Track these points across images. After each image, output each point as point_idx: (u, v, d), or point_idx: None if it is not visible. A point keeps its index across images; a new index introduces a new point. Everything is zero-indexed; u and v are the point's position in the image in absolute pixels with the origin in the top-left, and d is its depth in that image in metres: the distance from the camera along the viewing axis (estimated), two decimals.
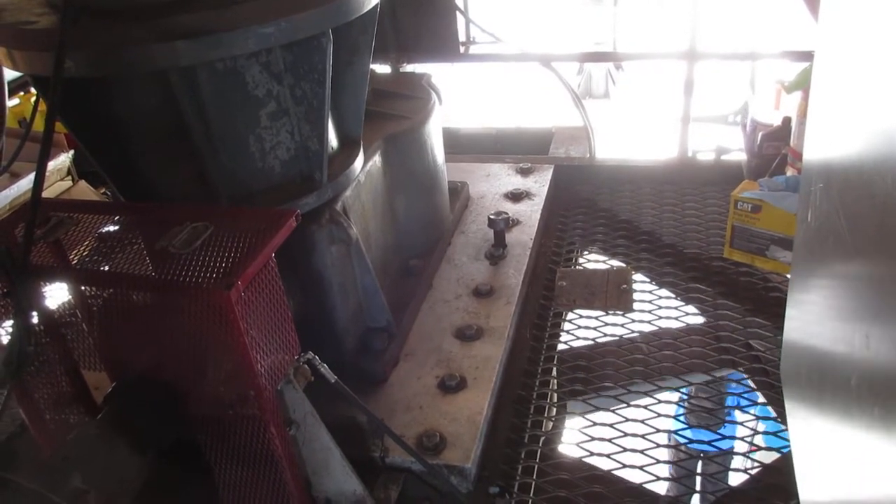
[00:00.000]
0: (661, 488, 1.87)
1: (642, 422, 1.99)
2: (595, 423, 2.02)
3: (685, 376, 2.20)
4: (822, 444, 1.22)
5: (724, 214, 2.70)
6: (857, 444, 0.98)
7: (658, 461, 1.89)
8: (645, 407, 2.04)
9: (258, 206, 1.78)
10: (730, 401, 2.13)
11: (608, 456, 1.92)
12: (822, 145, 1.30)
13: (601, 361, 2.23)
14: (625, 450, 1.93)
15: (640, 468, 1.88)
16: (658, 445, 1.93)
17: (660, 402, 2.05)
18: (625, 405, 2.06)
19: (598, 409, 2.06)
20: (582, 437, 1.98)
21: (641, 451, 1.91)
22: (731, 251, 2.56)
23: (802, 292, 1.43)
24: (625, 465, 1.89)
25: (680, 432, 2.15)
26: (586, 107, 3.39)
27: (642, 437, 1.95)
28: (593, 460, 1.93)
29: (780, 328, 1.79)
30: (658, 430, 1.96)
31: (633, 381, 2.15)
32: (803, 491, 1.34)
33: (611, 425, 2.01)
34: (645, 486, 1.85)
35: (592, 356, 2.27)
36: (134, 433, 1.52)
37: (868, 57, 1.01)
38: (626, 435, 1.97)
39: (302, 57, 1.69)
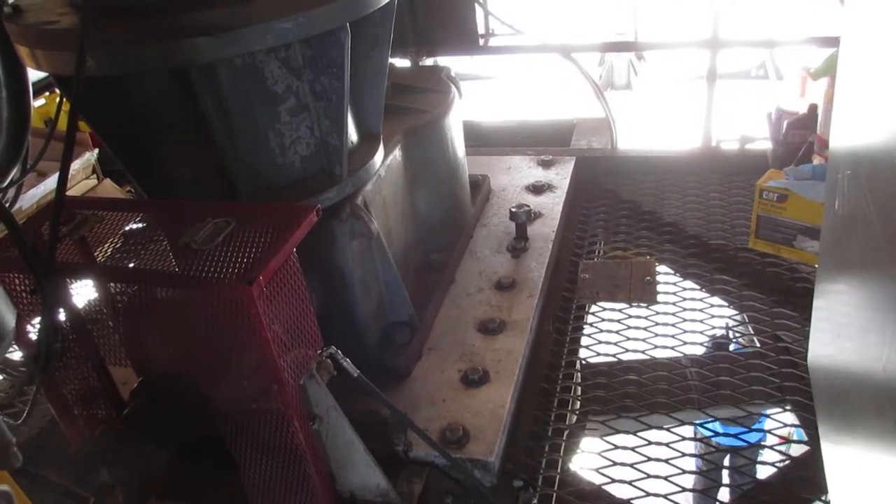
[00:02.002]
0: (688, 481, 1.85)
1: (667, 441, 1.96)
2: (615, 447, 1.95)
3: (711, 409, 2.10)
4: (851, 434, 1.20)
5: (748, 204, 2.66)
6: (889, 433, 0.95)
7: (683, 469, 1.86)
8: (667, 429, 1.98)
9: (279, 201, 1.79)
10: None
11: (631, 465, 1.88)
12: (850, 132, 1.27)
13: (623, 379, 2.17)
14: (649, 459, 1.89)
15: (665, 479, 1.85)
16: (683, 454, 1.90)
17: (682, 423, 2.00)
18: (646, 427, 1.99)
19: (617, 432, 2.00)
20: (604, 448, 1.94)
21: (666, 461, 1.88)
22: (757, 241, 2.53)
23: (830, 282, 1.40)
24: (649, 476, 1.86)
25: (706, 425, 2.13)
26: (608, 98, 3.35)
27: (667, 445, 1.92)
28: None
29: (809, 319, 1.76)
30: (683, 438, 1.93)
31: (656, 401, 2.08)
32: (833, 483, 1.32)
33: (633, 449, 1.95)
34: (671, 478, 1.83)
35: (613, 374, 2.20)
36: (159, 428, 1.54)
37: None
38: (650, 443, 1.94)
39: (320, 52, 1.69)
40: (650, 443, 1.91)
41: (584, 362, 2.28)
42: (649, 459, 1.87)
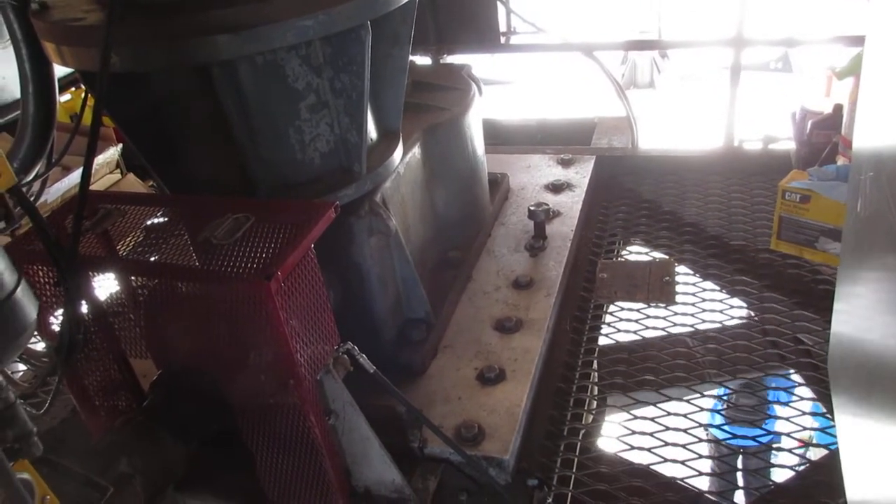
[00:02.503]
0: (703, 484, 1.84)
1: (684, 416, 1.96)
2: (636, 417, 1.99)
3: (730, 375, 2.15)
4: (871, 440, 1.19)
5: (771, 205, 2.63)
6: None
7: (700, 456, 1.86)
8: (687, 401, 2.00)
9: (298, 197, 1.80)
10: (772, 395, 2.08)
11: (649, 450, 1.89)
12: (873, 133, 1.26)
13: (643, 355, 2.19)
14: (666, 444, 1.91)
15: (682, 462, 1.85)
16: (700, 440, 1.90)
17: (703, 395, 2.01)
18: (666, 399, 2.02)
19: (638, 402, 2.03)
20: (622, 430, 1.95)
21: (683, 446, 1.89)
22: (779, 243, 2.50)
23: (851, 285, 1.39)
24: (666, 460, 1.87)
25: (721, 427, 2.12)
26: (631, 97, 3.34)
27: (684, 431, 1.92)
28: (633, 454, 1.91)
29: (830, 321, 1.74)
30: (700, 425, 1.93)
31: (675, 375, 2.11)
32: (850, 489, 1.31)
33: (652, 419, 1.98)
34: (686, 480, 1.82)
35: (634, 349, 2.24)
36: (178, 421, 1.56)
37: None
38: (667, 429, 1.94)
39: (341, 49, 1.70)
40: (667, 443, 1.90)
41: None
42: (665, 461, 1.86)
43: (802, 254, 2.45)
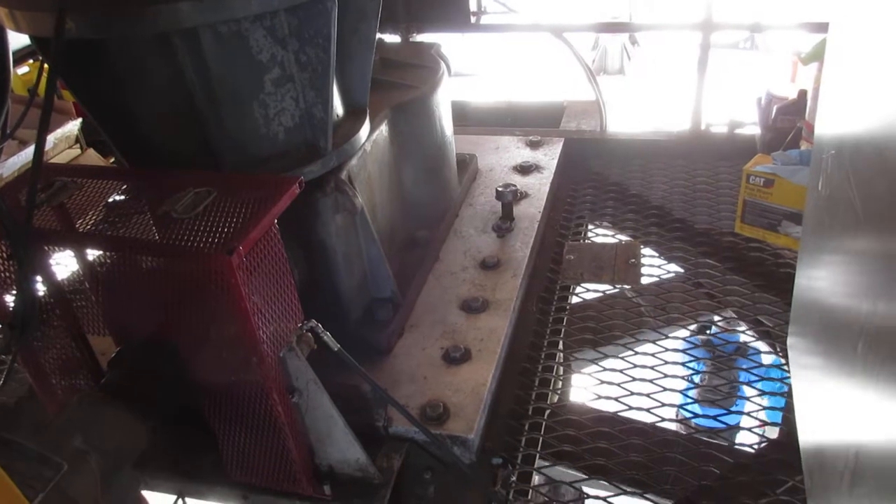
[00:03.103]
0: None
1: (652, 368, 2.06)
2: (604, 369, 2.09)
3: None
4: (826, 411, 1.21)
5: (735, 189, 2.66)
6: (862, 405, 0.96)
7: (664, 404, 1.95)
8: (652, 355, 2.09)
9: (262, 172, 1.77)
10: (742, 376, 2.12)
11: (616, 399, 1.98)
12: (836, 115, 1.27)
13: (609, 312, 2.30)
14: (632, 393, 1.99)
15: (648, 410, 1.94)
16: (665, 389, 1.99)
17: (667, 349, 2.11)
18: (632, 353, 2.12)
19: (606, 356, 2.12)
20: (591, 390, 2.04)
21: (648, 395, 1.98)
22: (742, 226, 2.53)
23: (811, 263, 1.41)
24: (631, 408, 1.96)
25: (686, 406, 2.14)
26: (601, 83, 3.33)
27: (650, 381, 2.02)
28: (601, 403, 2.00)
29: (790, 304, 1.77)
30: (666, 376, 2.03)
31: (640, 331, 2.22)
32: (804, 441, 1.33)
33: (621, 371, 2.07)
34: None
35: (601, 307, 2.35)
36: (137, 398, 1.53)
37: (885, 28, 0.98)
38: (634, 380, 2.03)
39: (307, 21, 1.66)
40: (632, 393, 1.99)
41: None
42: (631, 409, 1.94)
43: (765, 237, 2.48)
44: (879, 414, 0.87)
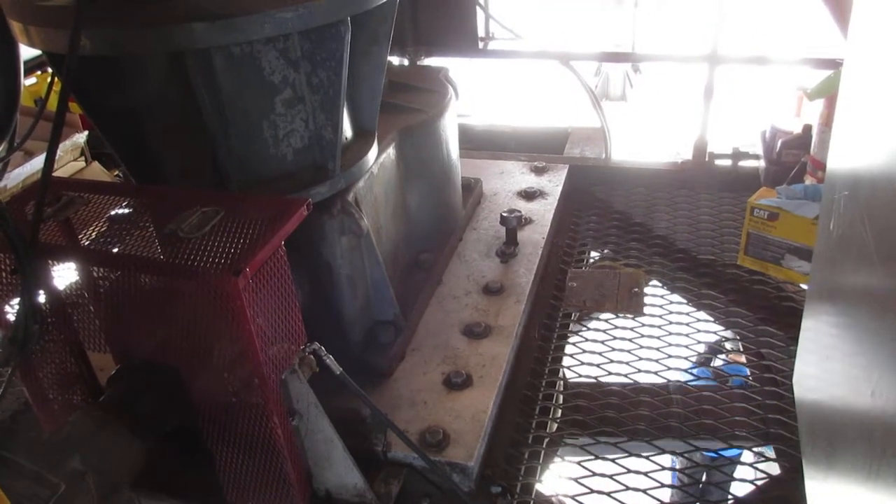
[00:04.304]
0: (665, 495, 1.84)
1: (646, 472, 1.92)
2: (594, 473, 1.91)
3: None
4: (836, 460, 1.19)
5: (739, 221, 2.66)
6: (876, 461, 0.95)
7: (663, 467, 1.86)
8: (647, 457, 1.95)
9: (270, 193, 1.76)
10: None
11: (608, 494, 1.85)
12: (849, 153, 1.27)
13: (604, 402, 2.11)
14: (629, 471, 1.89)
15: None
16: (662, 485, 1.87)
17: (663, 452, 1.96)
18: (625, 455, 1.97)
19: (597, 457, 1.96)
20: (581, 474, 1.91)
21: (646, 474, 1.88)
22: (745, 259, 2.53)
23: (820, 303, 1.40)
24: (629, 470, 1.87)
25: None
26: (603, 108, 3.35)
27: (646, 474, 1.89)
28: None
29: (792, 338, 1.76)
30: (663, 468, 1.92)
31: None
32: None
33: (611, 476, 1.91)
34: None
35: (594, 396, 2.13)
36: (136, 417, 1.51)
37: None
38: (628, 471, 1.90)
39: (319, 44, 1.67)
40: (629, 471, 1.88)
41: (566, 381, 2.25)
42: (627, 488, 1.85)
43: (767, 270, 2.48)
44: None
